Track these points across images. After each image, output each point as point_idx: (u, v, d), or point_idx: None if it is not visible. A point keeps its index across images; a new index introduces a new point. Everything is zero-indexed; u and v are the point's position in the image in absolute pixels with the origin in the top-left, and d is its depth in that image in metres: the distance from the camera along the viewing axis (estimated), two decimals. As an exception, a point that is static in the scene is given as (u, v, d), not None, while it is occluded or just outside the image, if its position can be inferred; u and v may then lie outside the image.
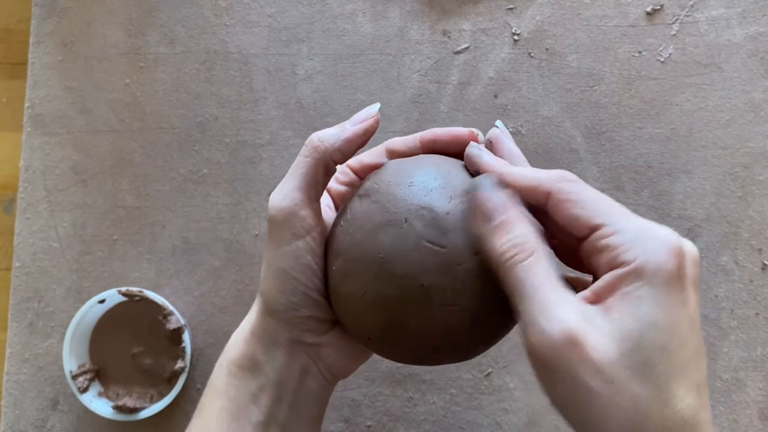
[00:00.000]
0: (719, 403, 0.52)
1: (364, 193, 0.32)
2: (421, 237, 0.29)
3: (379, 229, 0.30)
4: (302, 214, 0.32)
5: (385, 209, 0.30)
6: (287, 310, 0.33)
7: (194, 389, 0.55)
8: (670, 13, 0.56)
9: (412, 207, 0.30)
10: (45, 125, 0.58)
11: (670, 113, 0.55)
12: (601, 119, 0.56)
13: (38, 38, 0.59)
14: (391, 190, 0.31)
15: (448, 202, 0.30)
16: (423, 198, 0.30)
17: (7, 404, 0.55)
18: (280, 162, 0.57)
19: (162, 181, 0.57)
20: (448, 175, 0.31)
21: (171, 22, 0.58)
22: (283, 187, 0.32)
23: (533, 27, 0.57)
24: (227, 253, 0.56)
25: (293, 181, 0.32)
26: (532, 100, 0.56)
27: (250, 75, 0.58)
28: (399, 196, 0.30)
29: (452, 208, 0.30)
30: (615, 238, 0.26)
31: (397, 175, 0.32)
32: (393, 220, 0.30)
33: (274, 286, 0.32)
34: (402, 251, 0.29)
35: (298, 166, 0.32)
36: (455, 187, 0.31)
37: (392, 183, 0.31)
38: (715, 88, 0.55)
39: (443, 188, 0.30)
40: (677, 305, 0.25)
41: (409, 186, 0.31)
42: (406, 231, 0.29)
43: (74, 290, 0.56)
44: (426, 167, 0.32)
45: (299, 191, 0.32)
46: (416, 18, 0.58)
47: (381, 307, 0.30)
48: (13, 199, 0.58)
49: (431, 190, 0.30)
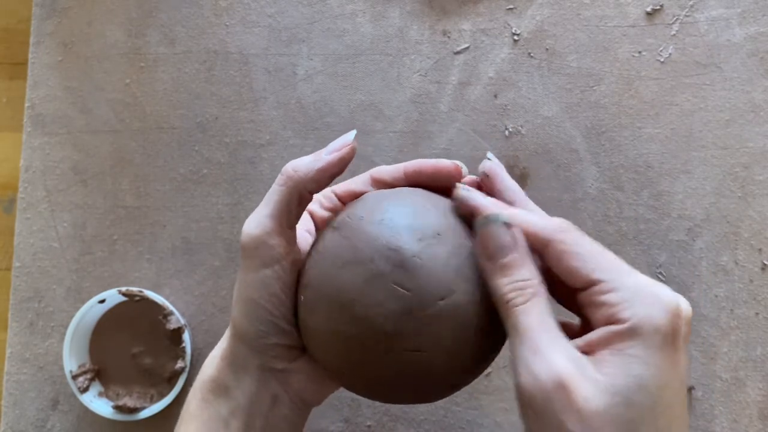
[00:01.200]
0: (719, 403, 0.52)
1: (337, 225, 0.32)
2: (387, 278, 0.28)
3: (346, 266, 0.29)
4: (272, 243, 0.31)
5: (353, 246, 0.30)
6: (255, 338, 0.32)
7: (194, 389, 0.55)
8: (669, 13, 0.56)
9: (380, 246, 0.29)
10: (45, 125, 0.58)
11: (670, 113, 0.55)
12: (601, 119, 0.56)
13: (38, 38, 0.59)
14: (362, 227, 0.30)
15: (416, 244, 0.29)
16: (391, 237, 0.29)
17: (7, 404, 0.55)
18: (279, 162, 0.57)
19: (162, 181, 0.57)
20: (423, 213, 0.30)
21: (171, 22, 0.58)
22: (256, 214, 0.32)
23: (533, 27, 0.57)
24: (227, 253, 0.56)
25: (266, 209, 0.32)
26: (532, 100, 0.56)
27: (250, 75, 0.58)
28: (368, 234, 0.30)
29: (420, 250, 0.29)
30: (612, 296, 0.27)
31: (371, 209, 0.31)
32: (359, 258, 0.29)
33: (242, 314, 0.32)
34: (365, 292, 0.29)
35: (272, 194, 0.32)
36: (427, 227, 0.30)
37: (364, 218, 0.31)
38: (715, 88, 0.55)
39: (414, 228, 0.29)
40: (669, 367, 0.26)
41: (379, 223, 0.30)
42: (371, 271, 0.29)
43: (74, 290, 0.56)
44: (401, 203, 0.31)
45: (271, 219, 0.32)
46: (416, 18, 0.58)
47: (343, 347, 0.30)
48: (13, 199, 0.58)
49: (401, 230, 0.29)
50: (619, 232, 0.54)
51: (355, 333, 0.29)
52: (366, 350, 0.29)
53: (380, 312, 0.28)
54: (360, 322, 0.29)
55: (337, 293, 0.29)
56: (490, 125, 0.56)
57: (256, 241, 0.31)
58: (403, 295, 0.28)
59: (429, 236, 0.29)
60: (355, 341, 0.29)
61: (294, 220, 0.33)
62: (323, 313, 0.30)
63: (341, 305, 0.29)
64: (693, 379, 0.52)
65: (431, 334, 0.28)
